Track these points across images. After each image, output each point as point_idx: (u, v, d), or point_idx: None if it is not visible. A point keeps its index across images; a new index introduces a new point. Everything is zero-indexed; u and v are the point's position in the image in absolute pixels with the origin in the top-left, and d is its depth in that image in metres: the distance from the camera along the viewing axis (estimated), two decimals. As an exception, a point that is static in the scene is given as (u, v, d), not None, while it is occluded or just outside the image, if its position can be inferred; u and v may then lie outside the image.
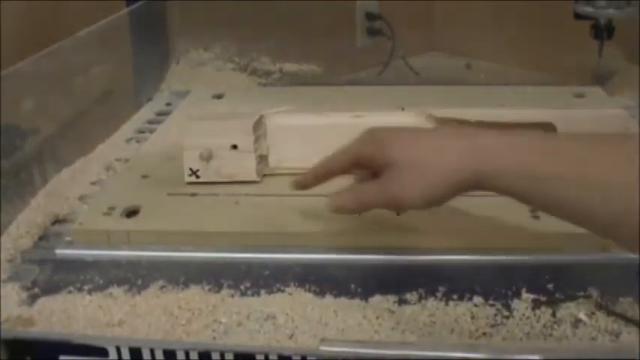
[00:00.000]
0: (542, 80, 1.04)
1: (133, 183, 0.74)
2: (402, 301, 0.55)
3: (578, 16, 1.00)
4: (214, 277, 0.59)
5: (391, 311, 0.54)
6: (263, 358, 0.49)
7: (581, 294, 0.55)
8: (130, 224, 0.66)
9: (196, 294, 0.57)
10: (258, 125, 0.73)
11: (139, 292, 0.57)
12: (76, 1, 1.13)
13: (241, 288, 0.57)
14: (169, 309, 0.55)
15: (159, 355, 0.50)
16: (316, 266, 0.60)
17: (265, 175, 0.73)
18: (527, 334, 0.51)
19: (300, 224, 0.64)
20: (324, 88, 1.04)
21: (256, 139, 0.72)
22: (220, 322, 0.53)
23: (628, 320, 0.52)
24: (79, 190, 0.74)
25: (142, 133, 0.90)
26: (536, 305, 0.54)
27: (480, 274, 0.58)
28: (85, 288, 0.58)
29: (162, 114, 0.95)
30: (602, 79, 0.99)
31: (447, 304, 0.55)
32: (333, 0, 1.30)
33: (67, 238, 0.66)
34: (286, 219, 0.65)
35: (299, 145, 0.72)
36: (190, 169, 0.72)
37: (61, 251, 0.64)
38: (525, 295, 0.55)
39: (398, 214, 0.65)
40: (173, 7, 1.13)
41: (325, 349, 0.50)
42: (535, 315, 0.53)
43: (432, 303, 0.55)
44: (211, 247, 0.63)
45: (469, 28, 1.36)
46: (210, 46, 1.15)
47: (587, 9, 0.98)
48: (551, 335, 0.51)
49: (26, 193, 0.72)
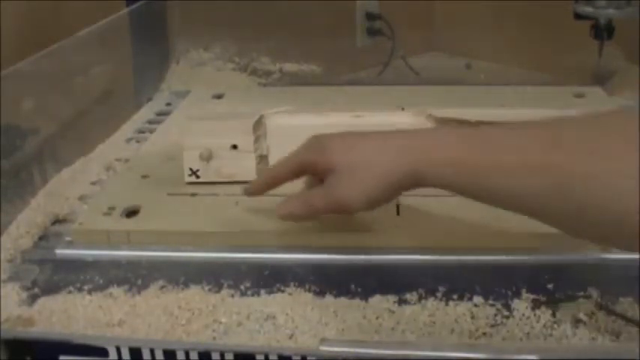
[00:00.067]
0: (542, 80, 1.04)
1: (133, 183, 0.74)
2: (402, 301, 0.55)
3: (578, 16, 1.00)
4: (214, 277, 0.59)
5: (391, 311, 0.54)
6: (263, 358, 0.49)
7: (581, 294, 0.55)
8: (130, 224, 0.66)
9: (196, 294, 0.57)
10: (258, 125, 0.73)
11: (139, 292, 0.57)
12: (76, 1, 1.13)
13: (241, 288, 0.57)
14: (169, 309, 0.55)
15: (159, 355, 0.50)
16: (316, 266, 0.60)
17: (265, 175, 0.73)
18: (527, 334, 0.51)
19: (301, 224, 0.64)
20: (324, 88, 1.04)
21: (256, 139, 0.72)
22: (220, 322, 0.53)
23: (628, 320, 0.52)
24: (79, 190, 0.74)
25: (142, 133, 0.90)
26: (536, 305, 0.54)
27: (480, 274, 0.58)
28: (85, 288, 0.58)
29: (162, 114, 0.95)
30: (602, 79, 0.99)
31: (447, 304, 0.55)
32: (333, 0, 1.30)
33: (67, 238, 0.66)
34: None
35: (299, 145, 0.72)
36: (190, 169, 0.72)
37: (61, 251, 0.64)
38: (525, 295, 0.55)
39: (398, 214, 0.65)
40: (173, 7, 1.13)
41: (325, 349, 0.49)
42: (535, 315, 0.53)
43: (432, 303, 0.55)
44: (211, 247, 0.63)
45: (469, 28, 1.36)
46: (210, 46, 1.15)
47: (587, 9, 0.98)
48: (551, 335, 0.51)
49: (26, 193, 0.72)
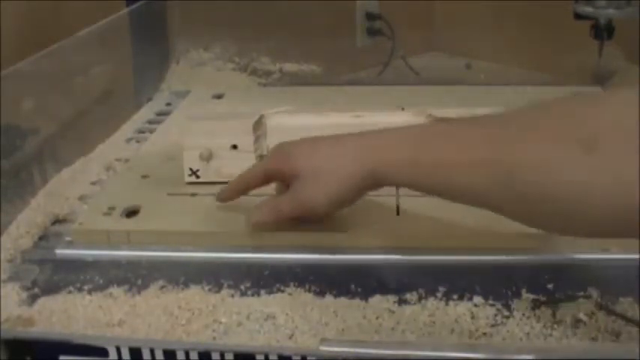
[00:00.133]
0: (542, 80, 1.04)
1: (133, 183, 0.74)
2: (402, 301, 0.55)
3: (578, 16, 1.00)
4: (214, 277, 0.59)
5: (391, 311, 0.54)
6: (263, 358, 0.49)
7: (581, 294, 0.55)
8: (130, 224, 0.66)
9: (196, 294, 0.57)
10: (258, 125, 0.73)
11: (139, 292, 0.57)
12: (76, 1, 1.13)
13: (241, 288, 0.57)
14: (169, 309, 0.55)
15: (159, 355, 0.50)
16: (316, 266, 0.60)
17: (265, 175, 0.73)
18: (527, 334, 0.51)
19: (301, 224, 0.64)
20: (324, 88, 1.04)
21: (256, 139, 0.72)
22: (220, 322, 0.53)
23: (628, 320, 0.52)
24: (79, 190, 0.74)
25: (142, 133, 0.90)
26: (536, 305, 0.54)
27: (480, 274, 0.58)
28: (85, 288, 0.58)
29: (162, 114, 0.95)
30: (602, 79, 0.99)
31: (447, 304, 0.55)
32: (333, 0, 1.30)
33: (67, 238, 0.66)
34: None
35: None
36: (190, 169, 0.72)
37: (61, 251, 0.64)
38: (525, 295, 0.55)
39: (398, 214, 0.65)
40: (173, 7, 1.13)
41: (325, 349, 0.49)
42: (535, 315, 0.53)
43: (432, 303, 0.55)
44: (211, 247, 0.63)
45: (469, 28, 1.36)
46: (210, 46, 1.15)
47: (587, 9, 0.98)
48: (551, 335, 0.51)
49: (26, 193, 0.72)
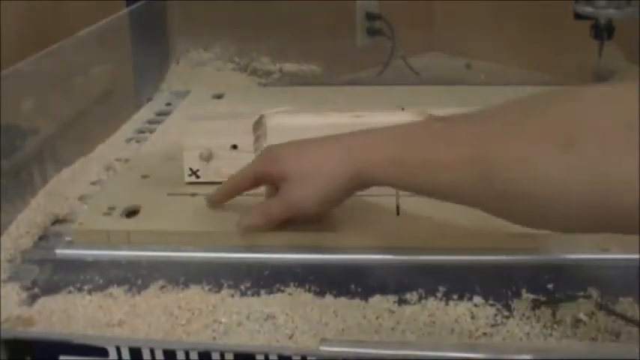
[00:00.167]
0: (542, 80, 1.04)
1: (133, 183, 0.74)
2: (402, 301, 0.55)
3: (578, 16, 1.00)
4: (214, 277, 0.59)
5: (391, 311, 0.54)
6: (263, 358, 0.49)
7: (581, 294, 0.55)
8: (130, 224, 0.66)
9: (196, 294, 0.57)
10: (258, 125, 0.73)
11: (139, 292, 0.57)
12: (76, 1, 1.13)
13: (241, 288, 0.57)
14: (169, 309, 0.55)
15: (159, 355, 0.50)
16: (316, 266, 0.60)
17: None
18: (527, 334, 0.51)
19: (301, 224, 0.64)
20: (324, 88, 1.04)
21: (256, 139, 0.72)
22: (220, 322, 0.53)
23: (628, 320, 0.52)
24: (79, 190, 0.74)
25: (142, 133, 0.90)
26: (536, 305, 0.54)
27: (480, 274, 0.58)
28: (85, 288, 0.58)
29: (162, 114, 0.95)
30: (602, 79, 0.99)
31: (447, 304, 0.55)
32: (333, 0, 1.30)
33: (67, 238, 0.66)
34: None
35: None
36: (190, 169, 0.72)
37: (61, 251, 0.64)
38: (525, 295, 0.55)
39: (398, 214, 0.65)
40: (173, 7, 1.13)
41: (325, 349, 0.49)
42: (535, 315, 0.53)
43: (432, 303, 0.55)
44: (211, 247, 0.63)
45: (469, 28, 1.36)
46: (210, 46, 1.15)
47: (587, 9, 0.98)
48: (551, 335, 0.51)
49: (26, 193, 0.72)
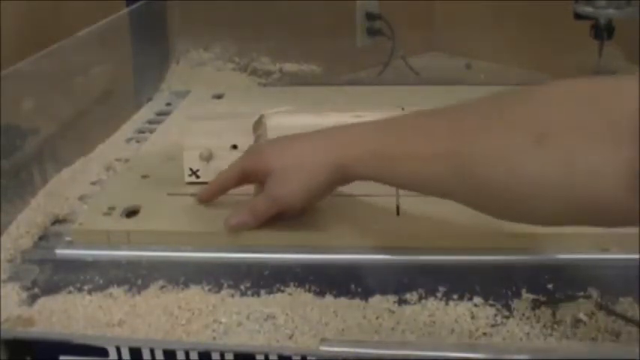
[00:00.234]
0: (542, 80, 1.03)
1: (133, 183, 0.74)
2: (402, 301, 0.55)
3: (578, 16, 1.00)
4: (214, 277, 0.59)
5: (391, 311, 0.54)
6: (263, 358, 0.49)
7: (581, 294, 0.55)
8: (130, 224, 0.66)
9: (196, 294, 0.57)
10: (258, 125, 0.73)
11: (139, 292, 0.57)
12: (76, 1, 1.13)
13: (241, 288, 0.57)
14: (169, 309, 0.55)
15: (159, 355, 0.50)
16: (316, 266, 0.60)
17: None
18: (527, 334, 0.51)
19: (301, 223, 0.64)
20: (324, 88, 1.04)
21: (256, 139, 0.72)
22: (220, 322, 0.53)
23: (628, 320, 0.52)
24: (79, 190, 0.74)
25: (142, 133, 0.90)
26: (536, 305, 0.54)
27: (480, 274, 0.58)
28: (85, 288, 0.58)
29: (162, 114, 0.95)
30: (602, 79, 0.99)
31: (447, 304, 0.55)
32: (333, 0, 1.30)
33: (67, 238, 0.66)
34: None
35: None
36: (190, 169, 0.72)
37: (61, 251, 0.64)
38: (525, 295, 0.55)
39: (398, 214, 0.65)
40: (173, 7, 1.13)
41: (325, 349, 0.49)
42: (535, 315, 0.53)
43: (431, 303, 0.55)
44: (211, 247, 0.63)
45: (469, 28, 1.36)
46: (210, 46, 1.15)
47: (587, 9, 0.98)
48: (551, 335, 0.51)
49: (26, 193, 0.72)
